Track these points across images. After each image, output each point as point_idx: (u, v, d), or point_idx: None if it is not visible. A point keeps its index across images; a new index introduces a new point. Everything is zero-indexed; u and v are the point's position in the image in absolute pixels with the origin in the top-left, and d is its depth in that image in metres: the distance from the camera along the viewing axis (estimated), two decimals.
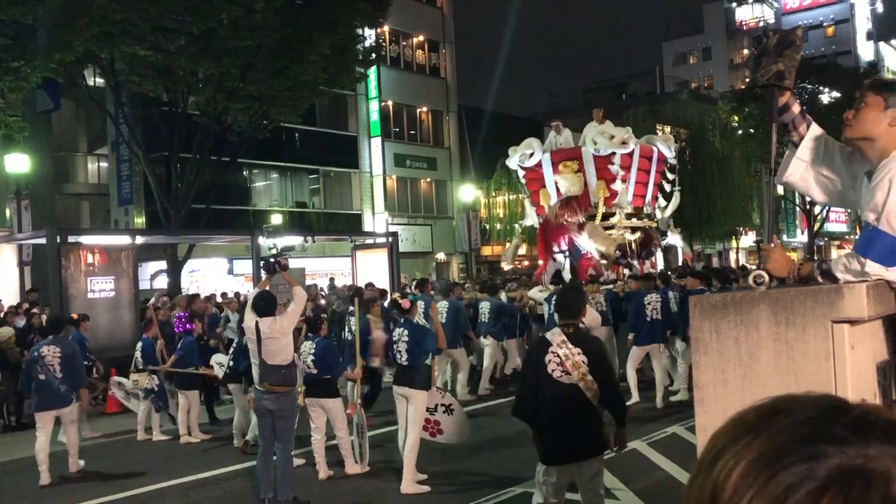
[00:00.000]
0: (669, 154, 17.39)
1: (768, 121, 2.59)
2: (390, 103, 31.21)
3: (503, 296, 13.33)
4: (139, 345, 10.24)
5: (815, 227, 38.26)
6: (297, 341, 7.48)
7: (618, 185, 15.98)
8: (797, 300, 2.30)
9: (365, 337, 9.29)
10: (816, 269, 2.44)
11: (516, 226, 21.86)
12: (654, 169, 16.97)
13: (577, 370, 4.63)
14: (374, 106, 30.50)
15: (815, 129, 2.59)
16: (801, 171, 2.61)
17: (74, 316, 10.71)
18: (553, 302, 11.03)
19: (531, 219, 17.88)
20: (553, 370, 4.67)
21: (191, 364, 9.90)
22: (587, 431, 4.70)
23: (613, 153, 15.87)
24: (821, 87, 34.93)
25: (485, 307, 12.30)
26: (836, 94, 34.11)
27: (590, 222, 15.77)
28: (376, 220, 29.96)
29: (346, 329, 10.91)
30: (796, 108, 2.58)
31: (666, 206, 17.70)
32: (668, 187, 17.66)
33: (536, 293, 12.50)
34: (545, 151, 16.83)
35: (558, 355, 4.67)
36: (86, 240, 13.85)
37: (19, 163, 16.53)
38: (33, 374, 8.10)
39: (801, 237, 42.60)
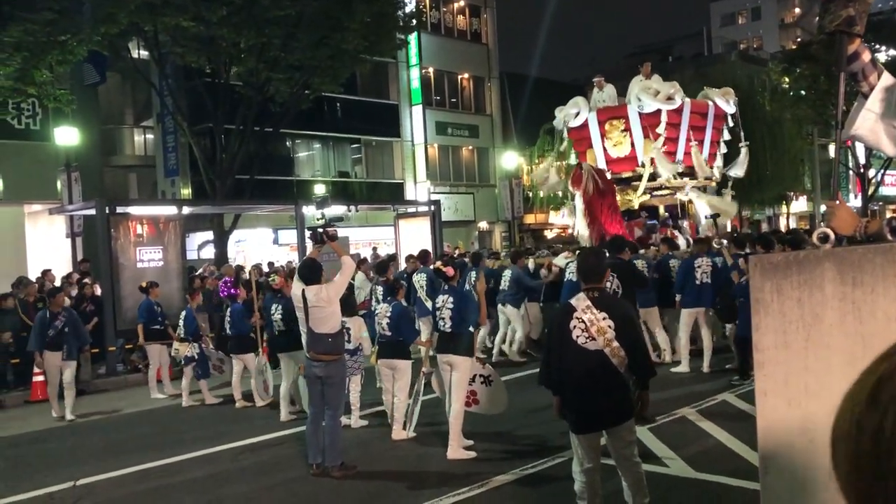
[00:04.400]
0: (729, 108, 16.23)
1: (836, 70, 2.44)
2: (431, 70, 30.96)
3: (531, 262, 13.18)
4: (183, 314, 10.77)
5: (870, 191, 37.09)
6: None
7: (653, 151, 15.14)
8: (865, 258, 2.19)
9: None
10: (886, 226, 2.32)
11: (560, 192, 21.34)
12: (710, 125, 15.98)
13: (602, 336, 4.46)
14: (414, 73, 30.29)
15: (887, 79, 2.43)
16: (870, 123, 2.46)
17: (143, 284, 11.59)
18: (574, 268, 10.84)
19: (553, 182, 17.47)
20: (577, 336, 4.50)
21: (243, 329, 10.05)
22: (613, 399, 4.53)
23: (659, 110, 15.17)
24: (877, 45, 33.54)
25: (506, 276, 12.22)
26: (893, 52, 32.77)
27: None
28: (418, 188, 29.90)
29: (374, 299, 11.02)
30: (866, 57, 2.42)
31: (730, 166, 16.47)
32: (723, 146, 16.49)
33: (561, 260, 12.19)
34: (591, 110, 16.28)
35: (583, 321, 4.51)
36: (134, 210, 14.06)
37: (69, 135, 16.82)
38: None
39: (855, 201, 41.35)
